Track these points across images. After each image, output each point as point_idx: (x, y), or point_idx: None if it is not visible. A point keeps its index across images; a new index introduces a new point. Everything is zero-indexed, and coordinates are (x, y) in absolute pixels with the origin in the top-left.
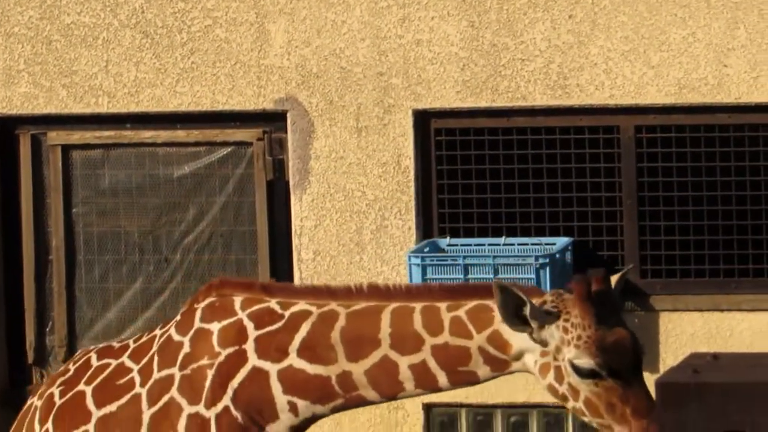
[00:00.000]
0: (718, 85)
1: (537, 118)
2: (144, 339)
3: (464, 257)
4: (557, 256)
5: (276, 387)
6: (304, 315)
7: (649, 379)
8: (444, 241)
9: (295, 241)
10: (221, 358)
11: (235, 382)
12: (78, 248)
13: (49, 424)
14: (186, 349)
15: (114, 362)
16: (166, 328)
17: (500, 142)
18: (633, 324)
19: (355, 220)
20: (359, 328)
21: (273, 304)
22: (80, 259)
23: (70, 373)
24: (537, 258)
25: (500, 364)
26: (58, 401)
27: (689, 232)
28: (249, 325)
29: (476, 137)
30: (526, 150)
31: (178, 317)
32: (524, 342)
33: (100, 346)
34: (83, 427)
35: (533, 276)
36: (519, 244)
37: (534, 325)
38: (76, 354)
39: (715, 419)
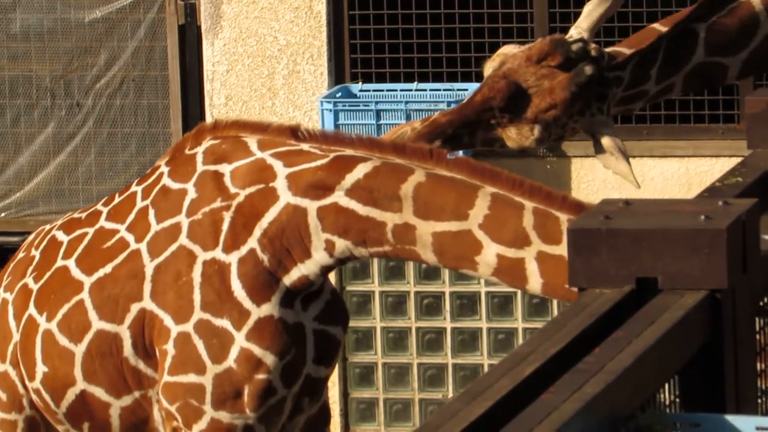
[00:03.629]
0: None
1: None
2: (119, 199)
3: (376, 102)
4: None
5: (314, 224)
6: (358, 159)
7: None
8: (356, 87)
9: (206, 86)
10: (240, 198)
11: (264, 222)
12: None
13: (31, 311)
14: (192, 194)
15: (90, 230)
16: (152, 180)
17: None
18: (545, 170)
19: (267, 65)
20: (443, 191)
21: (305, 147)
22: None
23: (38, 257)
24: (449, 104)
25: None
26: (35, 286)
27: None
28: (276, 164)
29: None
30: None
31: (166, 166)
32: None
33: (60, 221)
34: (76, 298)
35: None
36: (431, 90)
37: None
38: (31, 237)
39: (627, 266)
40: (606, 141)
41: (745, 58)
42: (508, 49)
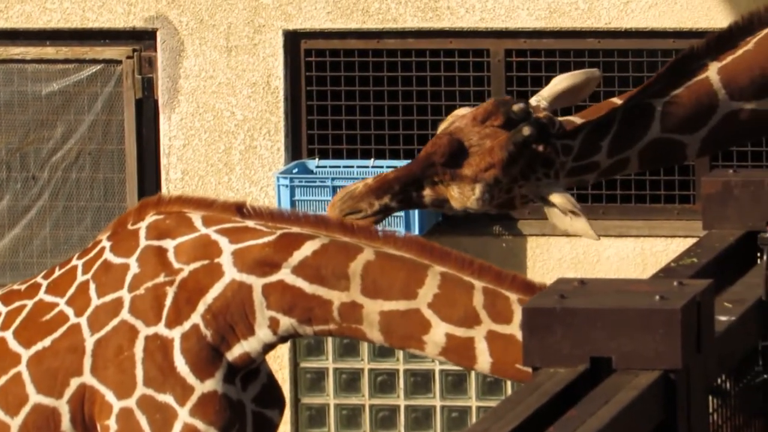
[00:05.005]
0: (588, 9)
1: (407, 40)
2: (59, 272)
3: (333, 179)
4: None
5: (259, 301)
6: (306, 236)
7: None
8: (313, 163)
9: (163, 161)
10: (184, 274)
11: (208, 298)
12: None
13: None
14: (134, 269)
15: (29, 302)
16: (93, 254)
17: (370, 64)
18: (501, 248)
19: (224, 140)
20: (392, 270)
21: (251, 224)
22: None
23: None
24: None
25: None
26: None
27: None
28: (221, 240)
29: (346, 59)
30: (396, 72)
31: (108, 241)
32: None
33: None
34: (13, 371)
35: None
36: (388, 167)
37: None
38: None
39: (581, 345)
40: (557, 198)
41: (704, 136)
42: (460, 111)
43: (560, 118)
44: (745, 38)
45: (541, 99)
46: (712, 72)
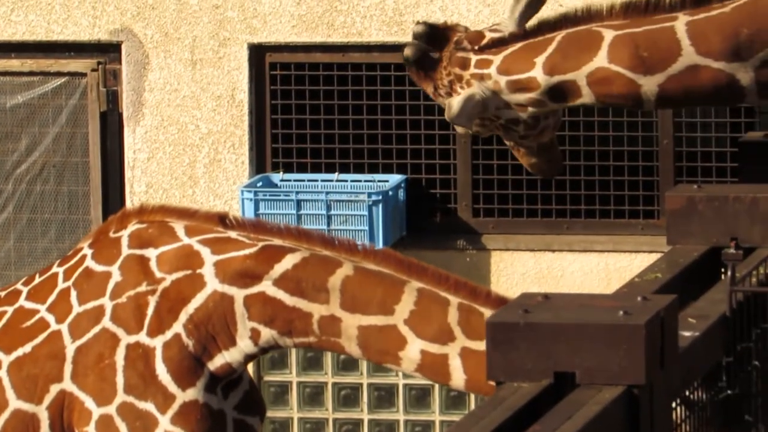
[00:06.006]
0: None
1: (372, 54)
2: (40, 279)
3: (297, 192)
4: (390, 193)
5: (241, 312)
6: (287, 249)
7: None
8: (277, 176)
9: (127, 174)
10: (166, 283)
11: (190, 308)
12: None
13: None
14: (116, 278)
15: (9, 308)
16: (74, 261)
17: (335, 78)
18: (465, 263)
19: (188, 153)
20: (370, 285)
21: (233, 234)
22: None
23: None
24: (370, 195)
25: None
26: None
27: (522, 171)
28: (203, 250)
29: (311, 72)
30: (361, 86)
31: (90, 248)
32: None
33: None
34: None
35: (366, 213)
36: (352, 181)
37: None
38: None
39: (545, 360)
40: (454, 101)
41: (661, 82)
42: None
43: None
44: (723, 2)
45: (502, 21)
46: (680, 23)
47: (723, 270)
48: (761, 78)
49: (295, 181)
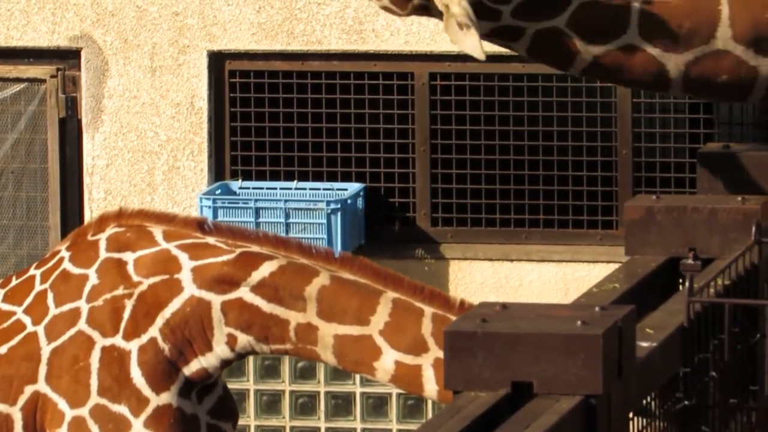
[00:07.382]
0: None
1: (332, 62)
2: (16, 281)
3: (256, 200)
4: (349, 201)
5: (218, 318)
6: (265, 256)
7: None
8: (236, 184)
9: (86, 180)
10: (143, 287)
11: (167, 312)
12: None
13: None
14: (93, 280)
15: None
16: (51, 264)
17: (294, 86)
18: (423, 272)
19: (147, 160)
20: (346, 295)
21: (211, 240)
22: None
23: None
24: (328, 203)
25: None
26: None
27: (481, 181)
28: (181, 255)
29: (270, 80)
30: (321, 94)
31: (67, 251)
32: None
33: None
34: None
35: (324, 221)
36: (311, 189)
37: None
38: None
39: (502, 369)
40: (456, 7)
41: (599, 53)
42: None
43: None
44: None
45: None
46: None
47: (681, 281)
48: (690, 74)
49: (254, 188)
